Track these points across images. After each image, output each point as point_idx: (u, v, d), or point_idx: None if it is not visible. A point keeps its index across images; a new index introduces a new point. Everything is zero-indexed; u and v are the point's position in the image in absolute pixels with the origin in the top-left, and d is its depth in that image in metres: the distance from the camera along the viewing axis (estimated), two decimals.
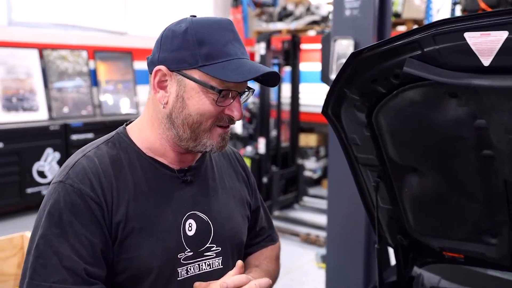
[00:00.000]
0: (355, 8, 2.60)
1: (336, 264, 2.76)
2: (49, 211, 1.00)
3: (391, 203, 1.40)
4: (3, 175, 4.81)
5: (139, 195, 1.06)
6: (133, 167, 1.08)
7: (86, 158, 1.06)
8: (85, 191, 1.01)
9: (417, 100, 1.11)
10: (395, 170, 1.30)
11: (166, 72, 1.05)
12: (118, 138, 1.12)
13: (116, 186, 1.04)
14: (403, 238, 1.45)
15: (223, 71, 1.01)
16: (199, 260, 1.12)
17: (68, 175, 1.03)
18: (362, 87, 1.13)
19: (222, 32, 1.04)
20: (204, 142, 1.07)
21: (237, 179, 1.30)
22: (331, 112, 1.23)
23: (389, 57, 1.06)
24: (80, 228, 0.99)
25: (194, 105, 1.04)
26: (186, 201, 1.12)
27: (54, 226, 0.99)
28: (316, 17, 6.61)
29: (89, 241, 0.99)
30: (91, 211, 1.00)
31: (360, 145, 1.28)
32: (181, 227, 1.09)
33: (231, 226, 1.20)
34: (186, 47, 1.03)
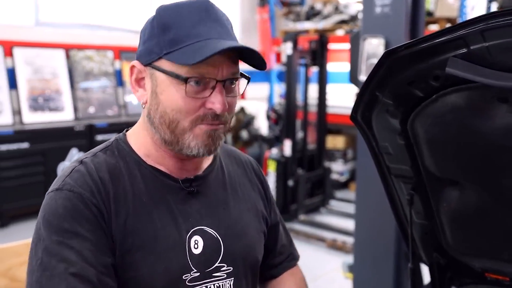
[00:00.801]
0: (386, 5, 2.46)
1: (363, 275, 2.63)
2: (47, 221, 0.90)
3: (426, 218, 1.26)
4: (29, 175, 4.82)
5: (139, 208, 0.95)
6: (133, 177, 0.97)
7: (84, 165, 0.96)
8: (86, 196, 0.90)
9: (460, 105, 0.97)
10: (432, 183, 1.16)
11: (140, 67, 0.95)
12: (117, 146, 1.01)
13: (114, 197, 0.93)
14: (439, 256, 1.32)
15: (184, 55, 0.88)
16: (208, 282, 0.98)
17: (65, 182, 0.93)
18: (396, 90, 1.00)
19: (193, 13, 0.91)
20: (187, 144, 0.93)
21: (253, 190, 1.16)
22: (360, 118, 1.10)
23: (429, 56, 0.92)
24: (86, 233, 0.88)
25: (167, 100, 0.91)
26: (192, 215, 1.00)
27: (55, 235, 0.88)
28: (345, 16, 6.45)
29: (97, 248, 0.89)
30: (95, 216, 0.90)
31: (393, 154, 1.15)
32: (186, 245, 0.97)
33: (244, 243, 1.06)
34: (152, 35, 0.92)
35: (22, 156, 4.75)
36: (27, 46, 5.15)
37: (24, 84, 5.06)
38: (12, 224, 4.73)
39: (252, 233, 1.09)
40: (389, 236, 2.52)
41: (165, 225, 0.96)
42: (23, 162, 4.76)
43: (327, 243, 4.28)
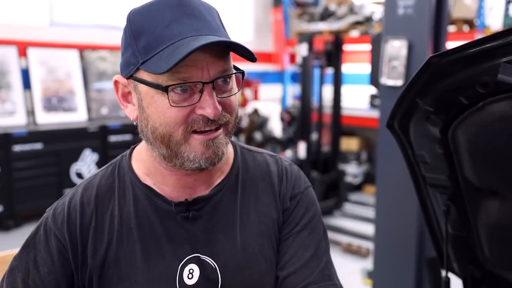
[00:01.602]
0: (409, 6, 2.40)
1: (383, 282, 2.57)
2: (23, 244, 0.93)
3: (462, 229, 1.21)
4: (42, 175, 4.82)
5: (124, 235, 0.88)
6: (124, 200, 0.90)
7: (75, 190, 0.94)
8: (54, 231, 0.89)
9: (509, 113, 0.91)
10: (470, 193, 1.11)
11: (123, 81, 0.87)
12: (120, 163, 0.96)
13: (96, 225, 0.88)
14: (475, 268, 1.26)
15: (158, 61, 0.77)
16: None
17: (53, 207, 0.94)
18: (439, 97, 0.94)
19: (164, 12, 0.80)
20: (187, 156, 0.83)
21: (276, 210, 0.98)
22: (398, 126, 1.04)
23: (478, 62, 0.86)
24: (33, 268, 0.88)
25: (154, 114, 0.82)
26: (188, 241, 0.89)
27: (15, 258, 0.91)
28: (359, 17, 6.37)
29: (35, 284, 0.87)
30: (54, 253, 0.88)
31: (430, 163, 1.10)
32: (177, 275, 0.87)
33: (248, 276, 0.91)
34: (127, 45, 0.83)
35: (36, 157, 4.75)
36: (41, 47, 5.15)
37: (38, 84, 5.06)
38: (25, 224, 4.72)
39: (260, 264, 0.93)
40: (410, 243, 2.46)
41: (152, 253, 0.88)
42: (36, 163, 4.75)
43: (343, 246, 4.22)
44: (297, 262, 0.94)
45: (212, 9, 0.87)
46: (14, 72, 4.86)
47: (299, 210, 0.99)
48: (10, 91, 4.83)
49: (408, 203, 2.39)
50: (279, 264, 0.96)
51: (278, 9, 6.97)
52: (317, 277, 0.94)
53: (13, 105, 4.84)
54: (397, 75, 2.42)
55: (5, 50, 4.84)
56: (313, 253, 0.96)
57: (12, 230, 4.56)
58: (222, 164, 0.94)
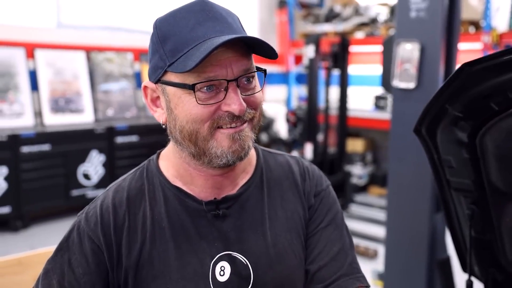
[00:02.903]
0: (422, 9, 2.42)
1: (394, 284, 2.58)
2: (57, 246, 0.95)
3: (484, 233, 1.22)
4: (50, 177, 4.84)
5: (157, 235, 0.91)
6: (155, 201, 0.94)
7: (105, 193, 0.97)
8: (88, 232, 0.91)
9: None
10: (495, 197, 1.13)
11: (152, 86, 0.91)
12: (148, 166, 0.99)
13: (129, 226, 0.91)
14: (496, 272, 1.27)
15: (186, 61, 0.81)
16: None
17: (85, 210, 0.96)
18: (469, 103, 0.96)
19: (188, 17, 0.85)
20: (214, 152, 0.86)
21: (301, 206, 1.02)
22: (425, 131, 1.06)
23: (510, 70, 0.88)
24: (68, 269, 0.90)
25: (181, 113, 0.86)
26: (219, 239, 0.92)
27: (50, 261, 0.93)
28: (364, 18, 6.39)
29: (71, 285, 0.89)
30: (87, 256, 0.90)
31: (455, 167, 1.11)
32: (209, 272, 0.90)
33: (279, 271, 0.94)
34: (155, 50, 0.88)
35: (44, 158, 4.77)
36: (48, 48, 5.17)
37: (45, 86, 5.09)
38: (33, 225, 4.75)
39: (290, 259, 0.97)
40: (422, 245, 2.47)
41: (184, 252, 0.91)
42: (44, 164, 4.77)
43: None
44: (327, 256, 0.98)
45: (232, 13, 0.92)
46: (22, 74, 4.89)
47: (324, 207, 1.04)
48: (18, 93, 4.85)
49: (420, 205, 2.40)
50: (308, 259, 0.99)
51: (283, 11, 6.99)
52: (348, 270, 0.98)
53: (21, 107, 4.86)
54: (409, 78, 2.43)
55: (13, 51, 4.86)
56: (341, 247, 1.00)
57: (20, 231, 4.57)
58: (246, 165, 0.98)
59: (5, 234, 4.48)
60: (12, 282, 1.67)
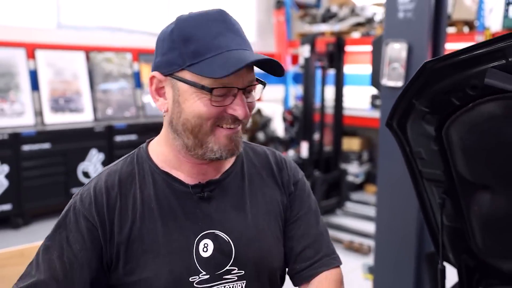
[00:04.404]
0: (409, 10, 2.50)
1: (384, 276, 2.66)
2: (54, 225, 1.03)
3: (456, 221, 1.31)
4: (50, 175, 4.92)
5: (146, 214, 1.00)
6: (144, 184, 1.03)
7: (98, 177, 1.05)
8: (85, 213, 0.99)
9: (496, 114, 1.01)
10: (463, 187, 1.21)
11: (160, 77, 0.98)
12: (138, 153, 1.08)
13: (120, 206, 1.00)
14: (468, 258, 1.36)
15: (210, 67, 0.91)
16: (218, 284, 1.01)
17: (79, 192, 1.04)
18: (433, 98, 1.04)
19: (211, 25, 0.95)
20: (211, 147, 0.97)
21: (279, 193, 1.13)
22: (396, 125, 1.14)
23: (468, 67, 0.96)
24: (66, 246, 0.98)
25: (189, 108, 0.94)
26: (202, 219, 1.02)
27: (48, 239, 1.01)
28: (361, 18, 6.46)
29: (70, 260, 0.97)
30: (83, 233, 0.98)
31: (426, 159, 1.19)
32: (193, 248, 1.00)
33: (258, 248, 1.05)
34: (173, 47, 0.95)
35: (44, 156, 4.85)
36: (49, 49, 5.25)
37: (45, 85, 5.17)
38: (34, 223, 4.81)
39: (268, 238, 1.07)
40: (410, 239, 2.55)
41: (171, 229, 1.00)
42: (44, 162, 4.85)
43: (344, 244, 4.31)
44: (309, 238, 1.11)
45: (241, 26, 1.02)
46: (23, 74, 4.96)
47: (303, 195, 1.16)
48: (19, 92, 4.93)
49: (408, 200, 2.48)
50: (293, 240, 1.11)
51: (280, 11, 7.06)
52: (328, 251, 1.13)
53: (22, 106, 4.94)
54: (397, 77, 2.51)
55: (14, 52, 4.94)
56: (320, 231, 1.14)
57: (21, 228, 4.65)
58: None
59: (6, 231, 4.56)
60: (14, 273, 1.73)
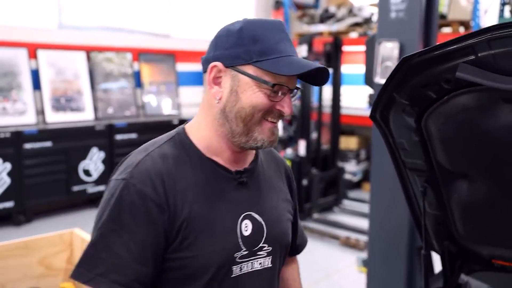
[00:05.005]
0: (401, 10, 2.57)
1: (377, 269, 2.74)
2: (111, 208, 1.03)
3: (438, 209, 1.38)
4: (52, 173, 4.99)
5: (200, 196, 1.09)
6: (195, 168, 1.11)
7: (150, 158, 1.08)
8: (147, 193, 1.03)
9: (469, 105, 1.09)
10: (443, 176, 1.28)
11: (221, 68, 1.09)
12: (179, 139, 1.14)
13: (179, 187, 1.07)
14: (450, 244, 1.43)
15: (276, 66, 1.05)
16: (252, 259, 1.14)
17: (132, 174, 1.05)
18: (412, 92, 1.12)
19: (274, 32, 1.09)
20: (255, 137, 1.09)
21: (283, 183, 1.31)
22: (379, 117, 1.22)
23: (441, 62, 1.04)
24: (135, 228, 1.02)
25: (247, 98, 1.07)
26: (242, 202, 1.15)
27: (112, 222, 1.02)
28: (358, 19, 6.54)
29: (142, 241, 1.02)
30: (149, 213, 1.02)
31: (408, 150, 1.27)
32: (237, 228, 1.12)
33: (281, 228, 1.22)
34: (240, 44, 1.07)
35: (45, 154, 4.92)
36: (50, 49, 5.33)
37: (47, 85, 5.24)
38: (35, 220, 4.89)
39: (285, 219, 1.25)
40: (402, 232, 2.62)
41: (222, 211, 1.10)
42: (46, 160, 4.92)
43: (341, 240, 4.39)
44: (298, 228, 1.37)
45: None
46: (25, 73, 5.04)
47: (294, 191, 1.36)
48: (21, 92, 5.01)
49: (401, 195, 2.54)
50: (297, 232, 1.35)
51: (279, 11, 7.13)
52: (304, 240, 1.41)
53: (24, 105, 5.01)
54: None
55: (16, 52, 5.01)
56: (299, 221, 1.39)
57: (23, 225, 4.72)
58: None
59: (8, 228, 4.63)
60: (18, 264, 1.81)
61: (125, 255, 1.00)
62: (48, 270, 1.87)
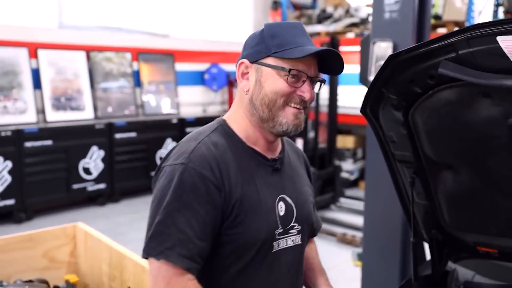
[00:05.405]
0: (395, 11, 2.65)
1: (372, 262, 2.81)
2: (176, 187, 1.14)
3: (426, 199, 1.46)
4: (52, 171, 5.07)
5: (247, 180, 1.22)
6: (240, 155, 1.24)
7: (204, 145, 1.20)
8: (206, 175, 1.15)
9: (451, 99, 1.17)
10: (430, 167, 1.36)
11: (248, 64, 1.24)
12: (223, 129, 1.27)
13: (231, 171, 1.20)
14: (438, 233, 1.51)
15: (290, 53, 1.18)
16: (286, 236, 1.28)
17: (190, 159, 1.16)
18: (399, 87, 1.21)
19: (292, 29, 1.23)
20: (280, 121, 1.21)
21: (304, 171, 1.46)
22: (369, 111, 1.30)
23: (425, 59, 1.12)
24: (197, 206, 1.13)
25: (270, 85, 1.20)
26: (277, 186, 1.28)
27: (176, 202, 1.13)
28: (355, 19, 6.63)
29: (203, 218, 1.13)
30: (209, 193, 1.15)
31: (397, 142, 1.35)
32: (275, 208, 1.25)
33: (307, 209, 1.36)
34: (262, 41, 1.22)
35: (46, 153, 4.99)
36: (50, 48, 5.39)
37: (47, 84, 5.31)
38: (36, 217, 4.97)
39: (310, 202, 1.40)
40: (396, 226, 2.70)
41: (264, 193, 1.24)
42: (46, 159, 5.00)
43: (338, 237, 4.47)
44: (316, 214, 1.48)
45: None
46: (25, 73, 5.11)
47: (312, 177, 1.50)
48: (22, 91, 5.07)
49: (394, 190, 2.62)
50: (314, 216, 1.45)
51: (277, 12, 7.20)
52: None
53: (24, 104, 5.08)
54: None
55: (17, 51, 5.08)
56: None
57: (23, 222, 4.80)
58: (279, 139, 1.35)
59: (9, 225, 4.70)
60: (23, 256, 1.87)
61: (188, 231, 1.11)
62: (52, 263, 1.93)
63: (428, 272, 1.58)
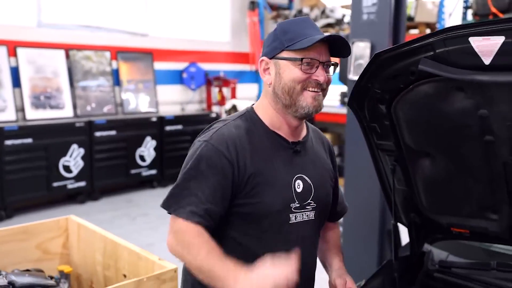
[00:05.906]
0: (372, 12, 2.80)
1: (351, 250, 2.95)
2: (195, 159, 1.35)
3: (406, 185, 1.60)
4: (32, 169, 5.06)
5: (265, 157, 1.39)
6: (261, 137, 1.41)
7: (227, 127, 1.40)
8: (222, 151, 1.33)
9: (430, 93, 1.32)
10: (410, 155, 1.51)
11: (267, 60, 1.40)
12: (249, 115, 1.45)
13: (249, 149, 1.37)
14: (416, 216, 1.66)
15: (300, 44, 1.33)
16: (303, 211, 1.43)
17: (211, 137, 1.36)
18: (383, 82, 1.35)
19: (301, 23, 1.38)
20: (300, 104, 1.35)
21: (326, 156, 1.59)
22: (355, 105, 1.44)
23: (407, 57, 1.27)
24: (210, 176, 1.32)
25: (287, 75, 1.35)
26: (296, 166, 1.43)
27: (193, 170, 1.34)
28: (331, 20, 6.79)
29: (214, 186, 1.32)
30: (221, 166, 1.33)
31: (380, 133, 1.49)
32: (292, 185, 1.41)
33: (324, 190, 1.50)
34: (276, 39, 1.38)
35: (26, 151, 4.98)
36: (29, 47, 5.39)
37: (26, 82, 5.30)
38: (16, 216, 4.96)
39: (328, 185, 1.54)
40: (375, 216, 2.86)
41: (280, 170, 1.40)
42: (26, 157, 4.99)
43: None
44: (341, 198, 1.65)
45: None
46: (4, 71, 5.09)
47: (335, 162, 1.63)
48: (1, 89, 5.06)
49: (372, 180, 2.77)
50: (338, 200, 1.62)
51: (254, 12, 7.33)
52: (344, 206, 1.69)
53: (4, 102, 5.06)
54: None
55: None
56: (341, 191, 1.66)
57: (4, 221, 4.78)
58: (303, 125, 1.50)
59: None
60: (18, 248, 1.91)
61: (200, 194, 1.31)
62: (45, 254, 1.98)
63: (406, 253, 1.73)
